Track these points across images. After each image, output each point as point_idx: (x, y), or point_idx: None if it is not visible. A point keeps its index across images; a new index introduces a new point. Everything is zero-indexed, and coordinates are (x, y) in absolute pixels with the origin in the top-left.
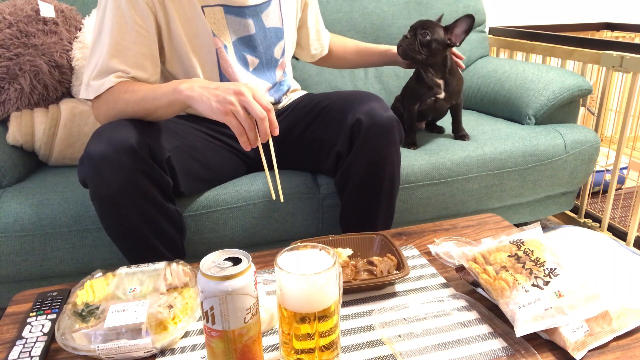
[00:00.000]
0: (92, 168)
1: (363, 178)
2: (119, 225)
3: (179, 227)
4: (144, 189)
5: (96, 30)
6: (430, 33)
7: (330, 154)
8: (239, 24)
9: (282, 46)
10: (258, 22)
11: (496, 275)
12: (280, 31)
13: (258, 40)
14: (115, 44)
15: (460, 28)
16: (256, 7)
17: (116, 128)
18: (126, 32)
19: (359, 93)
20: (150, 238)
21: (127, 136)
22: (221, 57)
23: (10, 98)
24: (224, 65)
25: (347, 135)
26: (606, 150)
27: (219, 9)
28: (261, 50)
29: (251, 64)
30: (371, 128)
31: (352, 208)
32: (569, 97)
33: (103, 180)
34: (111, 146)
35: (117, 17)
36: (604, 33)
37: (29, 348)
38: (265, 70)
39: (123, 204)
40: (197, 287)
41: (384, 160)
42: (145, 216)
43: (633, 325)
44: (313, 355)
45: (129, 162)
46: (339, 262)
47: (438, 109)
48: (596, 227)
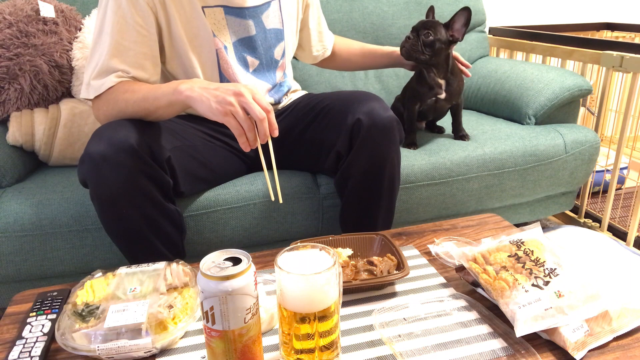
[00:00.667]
0: (92, 168)
1: (363, 178)
2: (119, 225)
3: (179, 227)
4: (144, 189)
5: (97, 30)
6: (432, 33)
7: (330, 154)
8: (239, 25)
9: (282, 47)
10: (258, 23)
11: (496, 275)
12: (280, 32)
13: (258, 41)
14: (115, 43)
15: (459, 22)
16: (256, 9)
17: (116, 128)
18: (127, 31)
19: (359, 93)
20: (150, 238)
21: (127, 136)
22: (221, 57)
23: (10, 98)
24: (224, 66)
25: (347, 135)
26: (606, 150)
27: (219, 10)
28: (261, 52)
29: (251, 65)
30: (371, 128)
31: (352, 208)
32: (569, 97)
33: (103, 180)
34: (111, 146)
35: (118, 16)
36: (604, 33)
37: (29, 348)
38: (265, 72)
39: (123, 204)
40: (197, 287)
41: (384, 160)
42: (145, 216)
43: (633, 325)
44: (313, 355)
45: (129, 162)
46: (339, 262)
47: (438, 109)
48: (596, 227)
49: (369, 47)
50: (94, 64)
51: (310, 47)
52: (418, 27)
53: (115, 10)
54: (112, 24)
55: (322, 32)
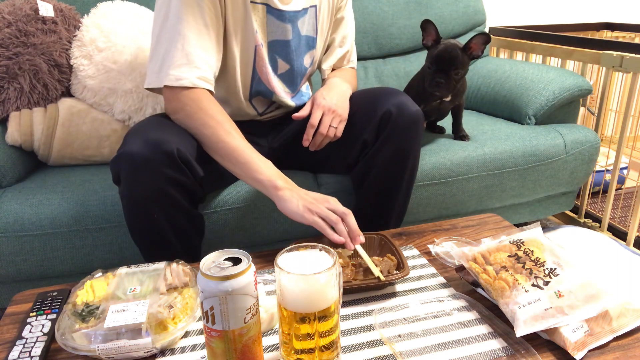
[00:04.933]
0: (130, 167)
1: (386, 168)
2: (145, 226)
3: (200, 230)
4: (175, 196)
5: (164, 18)
6: (461, 67)
7: (356, 144)
8: (278, 26)
9: (312, 56)
10: (295, 28)
11: (496, 275)
12: (313, 40)
13: (292, 47)
14: (193, 34)
15: (478, 42)
16: (296, 13)
17: (158, 131)
18: (200, 16)
19: (388, 88)
20: (173, 241)
21: (168, 141)
22: (258, 54)
23: (10, 97)
24: (259, 63)
25: (376, 125)
26: (606, 150)
27: (262, 7)
28: (293, 57)
29: (280, 68)
30: (399, 119)
31: (370, 199)
32: (569, 97)
33: (139, 182)
34: (152, 149)
35: (192, 8)
36: (604, 33)
37: (29, 348)
38: (292, 77)
39: (154, 208)
40: (197, 287)
41: (408, 151)
42: (172, 220)
43: (633, 325)
44: (313, 355)
45: (168, 168)
46: (339, 262)
47: (442, 110)
48: (596, 227)
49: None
50: (166, 53)
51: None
52: (445, 67)
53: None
54: (185, 17)
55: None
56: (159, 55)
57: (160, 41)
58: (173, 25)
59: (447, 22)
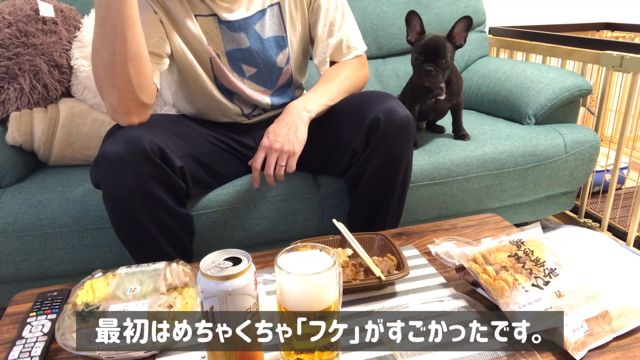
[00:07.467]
0: (108, 170)
1: (377, 174)
2: (131, 227)
3: (189, 230)
4: (157, 194)
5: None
6: (448, 56)
7: (346, 152)
8: (231, 36)
9: (286, 54)
10: (252, 34)
11: (496, 275)
12: (282, 39)
13: (254, 52)
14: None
15: (459, 28)
16: (247, 20)
17: (133, 131)
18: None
19: (376, 92)
20: (161, 241)
21: (142, 139)
22: (215, 64)
23: (10, 98)
24: (218, 73)
25: (365, 132)
26: (606, 150)
27: (213, 19)
28: (259, 61)
29: (247, 71)
30: (389, 125)
31: (363, 205)
32: (569, 97)
33: (120, 183)
34: (128, 148)
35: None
36: (604, 33)
37: (29, 348)
38: (265, 77)
39: (136, 207)
40: (197, 287)
41: (399, 157)
42: (157, 220)
43: (633, 325)
44: (313, 355)
45: (145, 166)
46: (339, 262)
47: (439, 109)
48: (596, 227)
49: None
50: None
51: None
52: (433, 56)
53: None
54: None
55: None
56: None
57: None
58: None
59: (447, 22)
